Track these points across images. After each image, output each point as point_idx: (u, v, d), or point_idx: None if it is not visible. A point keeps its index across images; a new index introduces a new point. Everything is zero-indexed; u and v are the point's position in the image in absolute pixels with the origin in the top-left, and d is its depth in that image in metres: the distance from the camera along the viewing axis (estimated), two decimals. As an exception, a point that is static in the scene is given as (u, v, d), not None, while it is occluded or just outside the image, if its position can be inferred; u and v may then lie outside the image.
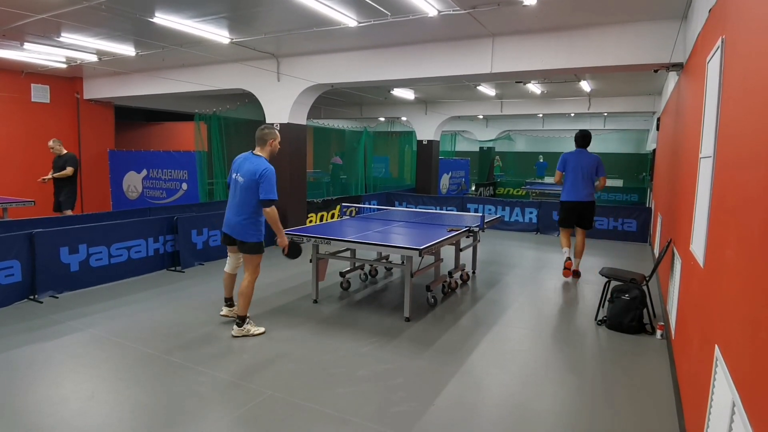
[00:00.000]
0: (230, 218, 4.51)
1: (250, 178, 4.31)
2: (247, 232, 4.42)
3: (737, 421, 1.72)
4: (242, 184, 4.36)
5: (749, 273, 1.82)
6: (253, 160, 4.38)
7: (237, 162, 4.55)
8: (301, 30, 6.72)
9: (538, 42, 6.62)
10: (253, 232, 4.43)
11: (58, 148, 8.64)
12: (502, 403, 3.49)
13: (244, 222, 4.40)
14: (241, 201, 4.39)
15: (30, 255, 5.56)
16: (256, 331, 4.59)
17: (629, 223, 10.31)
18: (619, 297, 4.94)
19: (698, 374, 2.64)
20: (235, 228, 4.46)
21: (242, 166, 4.43)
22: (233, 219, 4.47)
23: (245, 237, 4.44)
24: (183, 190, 11.03)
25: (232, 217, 4.48)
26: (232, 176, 4.52)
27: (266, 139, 4.47)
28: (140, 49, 7.96)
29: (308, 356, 4.19)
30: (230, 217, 4.51)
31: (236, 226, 4.45)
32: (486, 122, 20.51)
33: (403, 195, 13.45)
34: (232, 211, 4.49)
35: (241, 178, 4.37)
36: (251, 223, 4.41)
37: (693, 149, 3.76)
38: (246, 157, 4.48)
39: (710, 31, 3.44)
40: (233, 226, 4.47)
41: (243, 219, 4.40)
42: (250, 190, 4.34)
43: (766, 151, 1.72)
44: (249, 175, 4.31)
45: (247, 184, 4.34)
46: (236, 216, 4.43)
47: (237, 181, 4.43)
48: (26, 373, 3.75)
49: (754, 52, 2.05)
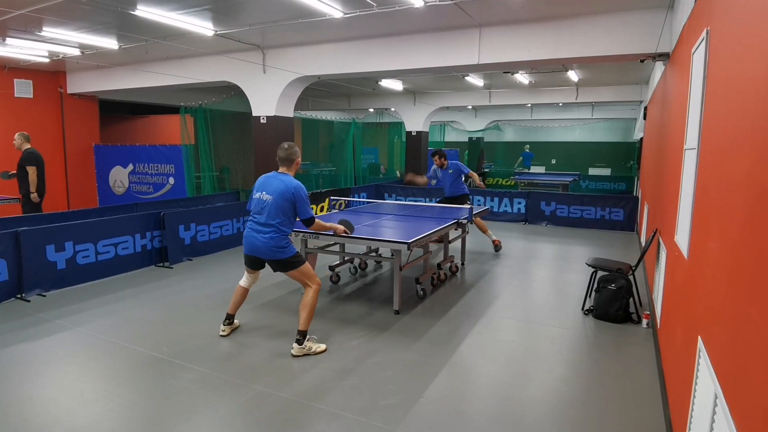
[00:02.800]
0: (255, 238, 4.13)
1: (279, 195, 4.07)
2: (278, 247, 4.09)
3: (719, 412, 1.75)
4: (270, 202, 4.08)
5: (731, 266, 1.84)
6: (281, 178, 4.15)
7: (260, 182, 4.27)
8: (286, 21, 6.65)
9: (525, 32, 6.61)
10: (284, 245, 4.11)
11: (19, 143, 7.59)
12: (491, 394, 3.53)
13: (272, 237, 4.08)
14: (269, 218, 4.09)
15: (16, 253, 5.49)
16: (318, 349, 4.16)
17: (616, 213, 10.39)
18: (605, 287, 4.99)
19: (682, 365, 2.68)
20: (264, 248, 4.11)
21: (268, 185, 4.16)
22: (260, 239, 4.11)
23: (279, 255, 4.11)
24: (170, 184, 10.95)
25: (258, 236, 4.12)
26: (255, 196, 4.22)
27: (293, 158, 4.24)
28: (123, 43, 7.84)
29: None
30: (255, 238, 4.13)
31: (264, 246, 4.10)
32: (475, 112, 20.51)
33: (392, 187, 13.44)
34: (257, 228, 4.14)
35: (268, 196, 4.09)
36: (280, 236, 4.09)
37: (678, 140, 3.78)
38: (273, 175, 4.21)
39: (695, 21, 3.45)
40: (260, 247, 4.12)
41: (271, 234, 4.07)
42: (279, 208, 4.08)
43: (748, 145, 1.73)
44: (278, 194, 4.07)
45: (276, 202, 4.07)
46: (263, 234, 4.10)
47: (262, 200, 4.13)
48: (14, 373, 3.72)
49: (737, 44, 2.05)
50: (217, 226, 7.92)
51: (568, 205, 10.82)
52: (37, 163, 7.57)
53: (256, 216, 4.18)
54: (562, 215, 10.86)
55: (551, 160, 22.29)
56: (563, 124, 21.36)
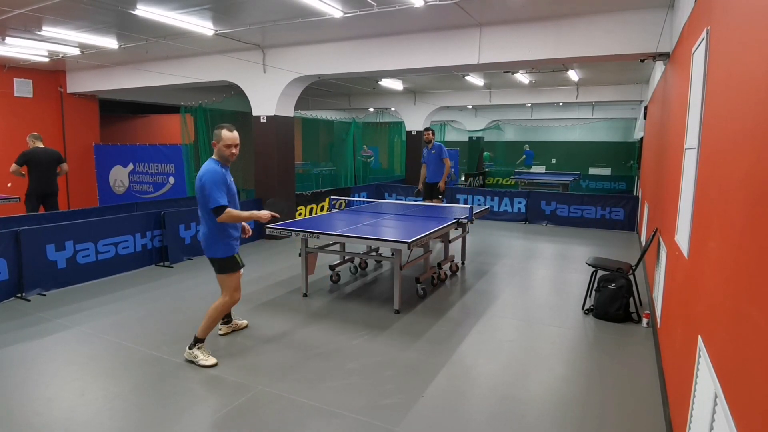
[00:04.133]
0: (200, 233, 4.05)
1: (196, 187, 3.84)
2: (207, 244, 3.94)
3: (719, 412, 1.75)
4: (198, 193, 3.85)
5: (731, 265, 1.84)
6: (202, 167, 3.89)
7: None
8: (286, 21, 6.64)
9: (525, 32, 6.60)
10: (212, 242, 3.92)
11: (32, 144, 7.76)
12: (491, 394, 3.53)
13: (203, 233, 3.96)
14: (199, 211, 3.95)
15: (16, 253, 5.50)
16: (204, 362, 3.85)
17: (617, 212, 10.39)
18: (605, 286, 4.99)
19: (682, 364, 2.68)
20: (202, 243, 4.00)
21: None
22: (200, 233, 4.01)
23: (208, 252, 3.98)
24: (170, 184, 10.95)
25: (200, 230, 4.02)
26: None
27: (212, 140, 3.98)
28: (123, 42, 7.83)
29: (298, 350, 4.20)
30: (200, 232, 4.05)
31: (202, 240, 3.99)
32: (475, 112, 20.50)
33: (393, 186, 13.43)
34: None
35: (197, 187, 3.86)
36: (209, 233, 3.93)
37: (678, 140, 3.78)
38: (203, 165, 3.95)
39: (696, 21, 3.44)
40: (201, 242, 4.00)
41: (202, 230, 3.95)
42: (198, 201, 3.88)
43: (749, 144, 1.73)
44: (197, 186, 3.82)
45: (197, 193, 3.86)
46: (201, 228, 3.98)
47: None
48: (15, 372, 3.72)
49: (737, 44, 2.05)
50: (218, 226, 7.90)
51: (568, 204, 10.82)
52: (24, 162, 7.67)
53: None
54: (562, 215, 10.86)
55: (551, 160, 22.29)
56: (563, 124, 21.36)
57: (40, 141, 7.91)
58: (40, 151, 7.77)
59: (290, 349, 4.23)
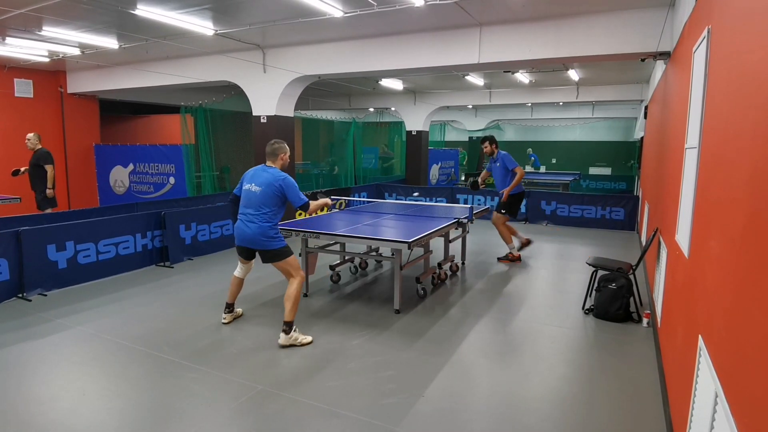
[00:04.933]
0: (244, 229, 4.35)
1: (267, 186, 4.32)
2: (267, 237, 4.30)
3: (720, 411, 1.75)
4: (258, 193, 4.32)
5: (732, 265, 1.84)
6: (269, 171, 4.40)
7: (249, 174, 4.49)
8: (286, 21, 6.65)
9: (525, 31, 6.61)
10: (272, 235, 4.32)
11: (34, 143, 7.96)
12: (491, 393, 3.53)
13: (260, 227, 4.28)
14: (257, 208, 4.31)
15: (17, 253, 5.50)
16: (304, 340, 4.33)
17: (617, 212, 10.38)
18: (606, 286, 4.99)
19: (683, 363, 2.68)
20: (253, 238, 4.32)
21: (257, 177, 4.40)
22: (248, 228, 4.32)
23: (267, 245, 4.32)
24: (170, 184, 10.95)
25: (247, 226, 4.33)
26: (245, 187, 4.44)
27: (277, 153, 4.49)
28: (123, 42, 7.84)
29: (299, 350, 4.20)
30: (245, 228, 4.34)
31: (253, 236, 4.31)
32: (475, 112, 20.50)
33: (393, 186, 13.44)
34: (246, 219, 4.35)
35: (257, 187, 4.33)
36: (269, 226, 4.31)
37: (679, 139, 3.78)
38: (261, 168, 4.47)
39: (697, 20, 3.44)
40: (250, 237, 4.33)
41: (259, 224, 4.29)
42: (267, 197, 4.32)
43: (749, 144, 1.73)
44: (266, 185, 4.32)
45: (264, 192, 4.31)
46: (252, 224, 4.30)
47: (251, 191, 4.36)
48: (16, 372, 3.73)
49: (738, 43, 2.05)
50: (218, 226, 7.92)
51: (568, 204, 10.82)
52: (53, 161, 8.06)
53: (245, 207, 4.40)
54: (562, 214, 10.86)
55: (552, 160, 22.28)
56: (564, 124, 21.35)
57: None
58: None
59: (290, 349, 4.22)
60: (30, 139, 7.97)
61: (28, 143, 7.95)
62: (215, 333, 4.56)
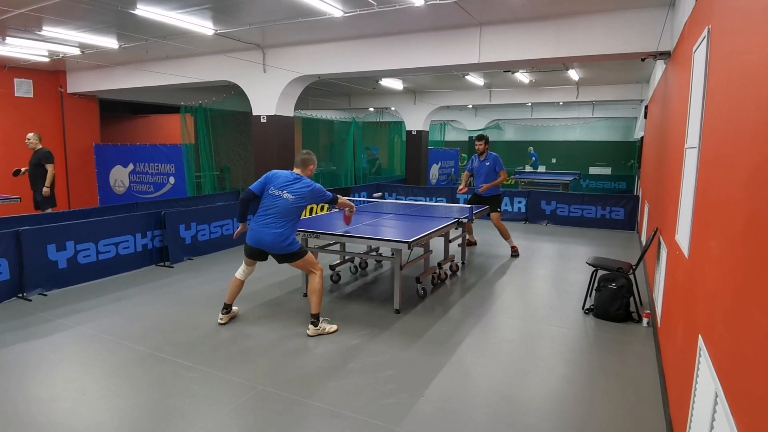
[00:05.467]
0: (264, 232, 4.38)
1: (301, 198, 4.43)
2: (287, 242, 4.40)
3: (720, 411, 1.75)
4: (290, 201, 4.39)
5: (732, 264, 1.84)
6: (304, 182, 4.51)
7: (280, 180, 4.47)
8: (286, 20, 6.65)
9: (525, 31, 6.60)
10: (292, 240, 4.44)
11: (34, 143, 7.98)
12: (491, 393, 3.53)
13: (281, 233, 4.36)
14: (284, 215, 4.38)
15: (17, 253, 5.50)
16: (330, 329, 4.54)
17: (617, 212, 10.38)
18: (605, 286, 4.99)
19: (683, 363, 2.68)
20: (272, 243, 4.38)
21: (290, 185, 4.44)
22: (269, 232, 4.36)
23: (287, 249, 4.42)
24: (170, 184, 10.95)
25: (268, 230, 4.37)
26: (270, 191, 4.43)
27: (308, 164, 4.64)
28: (123, 42, 7.84)
29: (299, 350, 4.20)
30: (264, 231, 4.38)
31: (273, 241, 4.36)
32: (475, 111, 20.50)
33: (393, 186, 13.44)
34: (268, 223, 4.38)
35: (290, 195, 4.39)
36: (290, 232, 4.42)
37: (679, 139, 3.78)
38: (294, 178, 4.51)
39: (697, 20, 3.44)
40: (268, 242, 4.38)
41: (281, 230, 4.36)
42: (298, 208, 4.45)
43: (749, 144, 1.73)
44: (300, 196, 4.42)
45: (296, 202, 4.41)
46: (273, 229, 4.35)
47: (280, 197, 4.38)
48: (16, 372, 3.73)
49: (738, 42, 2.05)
50: (218, 226, 7.92)
51: (568, 204, 10.82)
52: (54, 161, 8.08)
53: (269, 211, 4.41)
54: (562, 214, 10.86)
55: (552, 159, 22.28)
56: (564, 123, 21.35)
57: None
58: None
59: (290, 349, 4.23)
60: (30, 139, 8.00)
61: (28, 143, 7.98)
62: (215, 333, 4.56)
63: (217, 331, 4.61)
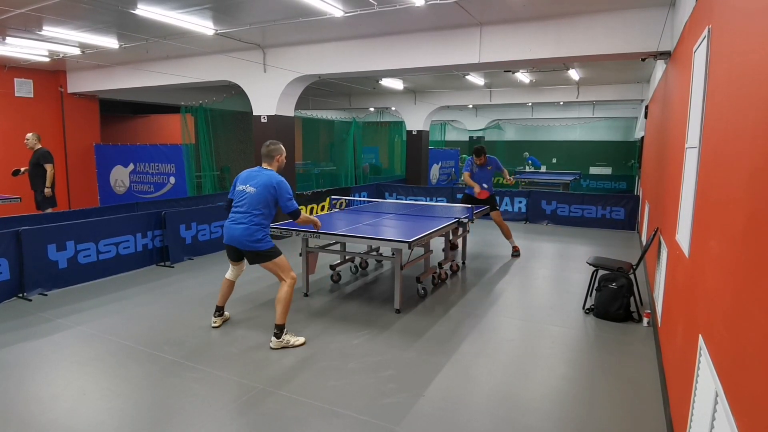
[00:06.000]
0: (234, 228, 4.27)
1: (263, 188, 4.26)
2: (255, 239, 4.22)
3: (720, 410, 1.75)
4: (253, 194, 4.26)
5: (732, 264, 1.84)
6: (265, 173, 4.35)
7: (244, 175, 4.42)
8: (286, 20, 6.64)
9: (525, 31, 6.60)
10: (260, 237, 4.24)
11: (33, 143, 7.97)
12: (492, 393, 3.53)
13: (248, 228, 4.20)
14: (249, 208, 4.24)
15: (17, 253, 5.50)
16: (296, 342, 4.30)
17: (617, 212, 10.38)
18: (606, 286, 4.99)
19: (683, 363, 2.68)
20: (241, 238, 4.23)
21: (252, 178, 4.33)
22: (238, 229, 4.24)
23: (255, 246, 4.24)
24: (171, 184, 10.95)
25: (237, 226, 4.25)
26: (238, 188, 4.37)
27: (273, 155, 4.44)
28: (123, 42, 7.83)
29: (299, 349, 4.20)
30: (234, 228, 4.27)
31: (241, 236, 4.22)
32: (475, 111, 20.49)
33: (393, 186, 13.44)
34: (236, 219, 4.28)
35: (252, 188, 4.27)
36: (258, 228, 4.23)
37: (679, 139, 3.78)
38: (257, 170, 4.40)
39: (697, 19, 3.44)
40: (237, 237, 4.24)
41: (248, 225, 4.21)
42: (261, 199, 4.25)
43: (750, 143, 1.73)
44: (261, 186, 4.26)
45: (259, 194, 4.25)
46: (241, 224, 4.23)
47: (245, 192, 4.29)
48: (16, 372, 3.73)
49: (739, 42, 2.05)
50: (218, 226, 7.92)
51: (568, 204, 10.82)
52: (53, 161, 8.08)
53: (237, 207, 4.34)
54: (562, 214, 10.86)
55: (552, 159, 22.27)
56: (564, 123, 21.34)
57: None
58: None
59: (291, 348, 4.22)
60: (29, 139, 8.01)
61: (26, 143, 7.99)
62: (215, 333, 4.56)
63: (217, 331, 4.61)
